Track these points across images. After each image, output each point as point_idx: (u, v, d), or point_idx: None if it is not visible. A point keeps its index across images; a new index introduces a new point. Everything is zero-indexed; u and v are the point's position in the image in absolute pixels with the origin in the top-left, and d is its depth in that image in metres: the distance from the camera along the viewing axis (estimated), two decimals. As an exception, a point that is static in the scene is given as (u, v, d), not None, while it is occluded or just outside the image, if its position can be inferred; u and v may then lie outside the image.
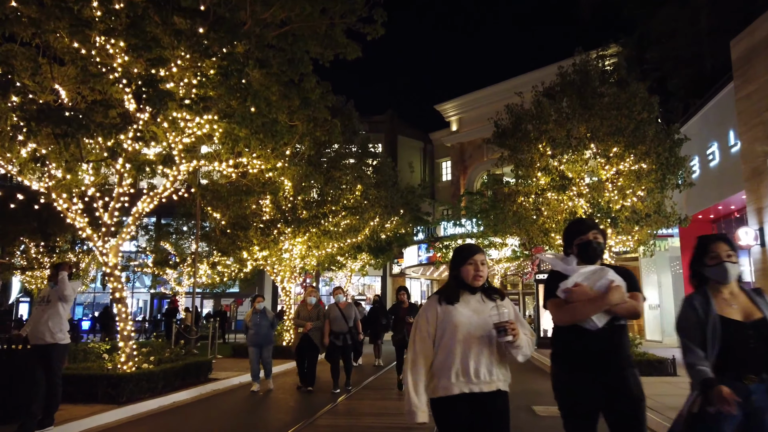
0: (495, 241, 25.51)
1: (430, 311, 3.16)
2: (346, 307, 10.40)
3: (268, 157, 11.61)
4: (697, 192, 16.39)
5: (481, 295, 3.19)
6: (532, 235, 14.57)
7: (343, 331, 10.18)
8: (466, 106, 37.09)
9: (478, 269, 3.15)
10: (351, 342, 10.35)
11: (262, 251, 16.13)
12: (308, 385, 10.50)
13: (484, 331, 3.05)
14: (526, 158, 13.36)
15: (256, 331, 10.69)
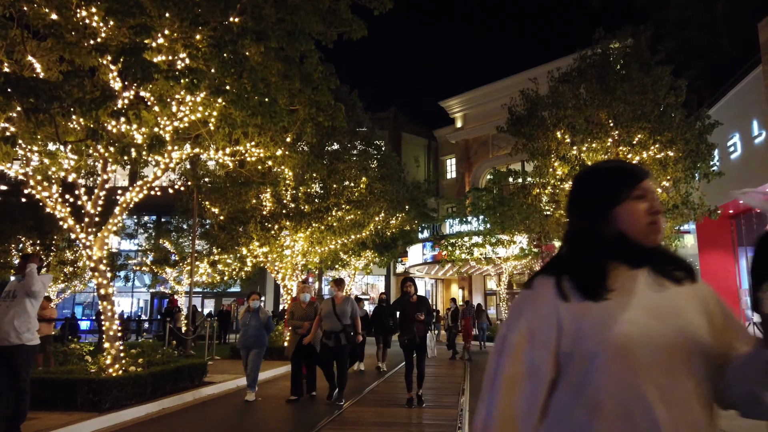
0: (502, 239, 24.59)
1: (537, 315, 1.36)
2: (341, 302, 8.71)
3: (267, 145, 10.72)
4: (716, 185, 15.45)
5: (652, 270, 1.37)
6: (548, 230, 13.65)
7: (336, 330, 8.56)
8: (471, 102, 36.16)
9: (655, 209, 1.38)
10: (346, 343, 8.66)
11: (262, 247, 15.23)
12: (309, 391, 9.55)
13: (682, 350, 1.26)
14: (542, 146, 12.44)
15: (244, 332, 9.35)
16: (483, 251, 25.45)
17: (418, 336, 8.37)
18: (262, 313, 9.47)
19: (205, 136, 10.64)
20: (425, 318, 8.42)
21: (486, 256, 25.55)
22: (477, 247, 25.42)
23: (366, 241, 17.96)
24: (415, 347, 8.48)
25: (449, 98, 37.11)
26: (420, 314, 8.35)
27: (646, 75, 11.87)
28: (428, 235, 31.03)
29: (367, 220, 16.61)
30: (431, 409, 8.46)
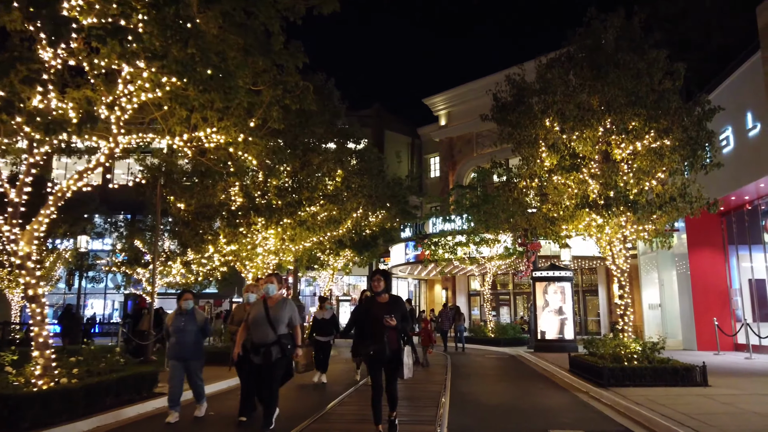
0: (486, 238, 23.62)
1: None
2: (275, 305, 6.65)
3: (229, 129, 9.59)
4: (706, 181, 14.59)
5: None
6: (534, 225, 12.65)
7: (266, 342, 6.52)
8: (455, 99, 35.25)
9: None
10: (281, 357, 6.52)
11: (229, 245, 14.06)
12: (253, 410, 8.32)
13: None
14: (529, 135, 11.43)
15: (178, 340, 7.61)
16: (466, 251, 24.48)
17: (390, 348, 6.15)
18: (198, 315, 7.85)
19: (160, 120, 9.52)
20: (398, 324, 6.19)
21: (470, 255, 24.58)
22: (460, 246, 24.44)
23: (343, 239, 16.82)
24: (385, 363, 6.23)
25: (433, 95, 36.16)
26: (389, 317, 6.11)
27: (641, 59, 10.91)
28: (411, 234, 30.00)
29: (344, 216, 15.49)
30: (405, 425, 7.37)
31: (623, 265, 11.84)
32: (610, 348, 11.23)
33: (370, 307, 6.43)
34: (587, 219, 11.70)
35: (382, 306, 6.33)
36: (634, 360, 10.71)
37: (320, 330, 11.58)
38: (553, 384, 11.53)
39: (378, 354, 6.16)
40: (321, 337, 11.52)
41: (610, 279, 29.40)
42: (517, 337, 23.79)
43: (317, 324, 11.66)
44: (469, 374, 13.16)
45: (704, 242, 19.73)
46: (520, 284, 32.92)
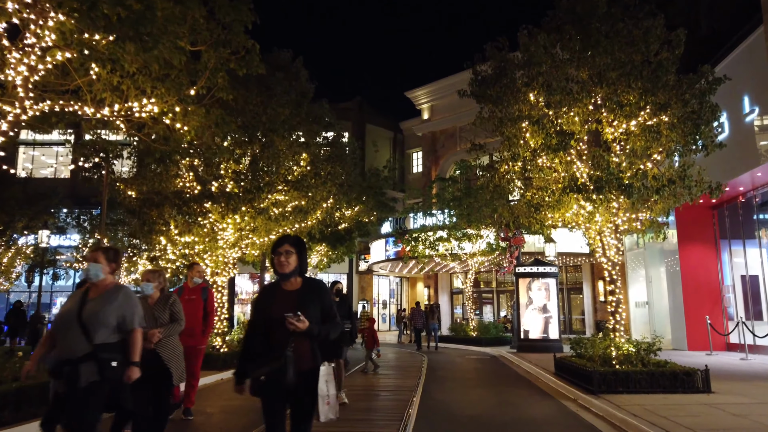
0: (469, 233, 22.32)
1: None
2: (99, 297, 4.08)
3: (163, 96, 8.17)
4: (713, 161, 13.29)
5: None
6: (518, 213, 11.33)
7: (71, 356, 3.94)
8: (438, 92, 33.92)
9: None
10: (97, 382, 3.89)
11: (182, 236, 12.58)
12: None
13: None
14: (512, 112, 10.10)
15: None
16: (448, 246, 23.15)
17: (295, 369, 3.37)
18: None
19: (83, 86, 8.07)
20: (312, 328, 3.42)
21: (451, 251, 23.25)
22: (441, 242, 23.10)
23: (313, 231, 15.39)
24: (288, 395, 3.44)
25: (416, 88, 34.83)
26: (295, 317, 3.33)
27: (635, 27, 9.63)
28: (391, 229, 28.63)
29: (311, 206, 14.05)
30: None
31: (614, 257, 10.56)
32: (599, 349, 9.94)
33: (270, 300, 3.57)
34: (575, 206, 10.42)
35: (287, 297, 3.51)
36: (626, 363, 9.43)
37: None
38: (537, 390, 10.21)
39: (273, 381, 3.36)
40: None
41: (595, 276, 28.29)
42: (499, 336, 22.53)
43: None
44: (444, 378, 11.82)
45: (695, 237, 18.58)
46: (504, 282, 31.69)
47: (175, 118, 8.47)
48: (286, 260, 3.50)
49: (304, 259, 3.62)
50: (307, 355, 3.45)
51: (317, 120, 14.33)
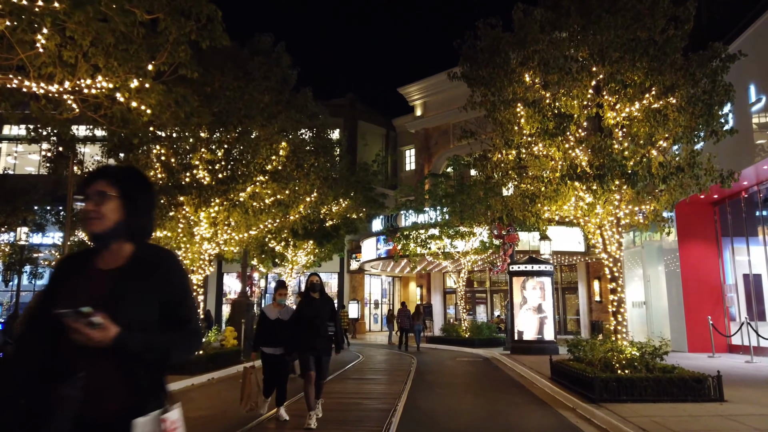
0: (461, 231, 21.43)
1: None
2: None
3: (116, 70, 7.24)
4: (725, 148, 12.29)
5: None
6: (511, 206, 10.43)
7: None
8: (431, 88, 33.00)
9: None
10: None
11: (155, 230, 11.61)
12: None
13: None
14: (505, 94, 9.21)
15: None
16: (440, 245, 22.24)
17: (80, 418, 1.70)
18: None
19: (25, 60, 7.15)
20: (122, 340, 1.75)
21: (443, 250, 22.34)
22: (433, 240, 22.19)
23: (296, 227, 14.45)
24: None
25: (408, 84, 33.90)
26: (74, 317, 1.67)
27: (639, 1, 8.75)
28: (382, 227, 27.70)
29: (292, 199, 13.10)
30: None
31: (616, 253, 9.68)
32: (600, 352, 9.05)
33: (67, 283, 1.91)
34: (573, 197, 9.54)
35: (96, 279, 1.88)
36: (630, 368, 8.55)
37: (270, 337, 7.07)
38: (532, 397, 9.30)
39: None
40: (269, 348, 7.07)
41: (591, 276, 27.44)
42: (492, 337, 21.62)
43: (265, 327, 7.14)
44: (433, 383, 10.90)
45: (695, 234, 17.73)
46: (498, 281, 30.81)
47: (131, 96, 7.55)
48: (96, 210, 1.86)
49: (139, 210, 1.94)
50: (112, 393, 1.76)
51: (300, 108, 13.38)
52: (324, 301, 6.96)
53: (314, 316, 6.74)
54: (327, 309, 6.90)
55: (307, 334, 6.68)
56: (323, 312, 6.83)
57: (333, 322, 6.91)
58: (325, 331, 6.75)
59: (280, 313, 7.22)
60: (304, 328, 6.71)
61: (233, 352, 13.84)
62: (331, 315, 6.92)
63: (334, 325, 6.93)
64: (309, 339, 6.67)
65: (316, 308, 6.82)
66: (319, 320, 6.74)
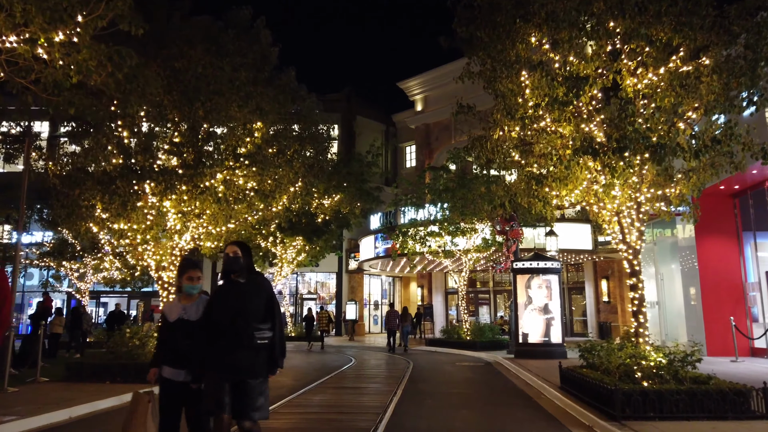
0: (463, 228, 20.02)
1: None
2: None
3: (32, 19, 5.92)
4: None
5: None
6: (515, 192, 9.05)
7: None
8: (432, 82, 31.65)
9: None
10: None
11: (115, 222, 10.30)
12: None
13: None
14: (508, 57, 7.82)
15: None
16: (440, 242, 20.83)
17: None
18: None
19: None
20: None
21: (444, 248, 20.92)
22: (433, 237, 20.78)
23: (280, 220, 13.08)
24: None
25: (408, 78, 32.56)
26: None
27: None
28: (381, 225, 26.31)
29: (274, 188, 11.71)
30: None
31: (636, 243, 8.27)
32: (618, 359, 7.66)
33: None
34: (587, 178, 8.15)
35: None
36: (656, 378, 7.15)
37: (175, 353, 4.33)
38: (539, 411, 7.89)
39: None
40: (170, 370, 4.32)
41: (599, 275, 26.00)
42: (495, 339, 20.18)
43: (169, 333, 4.43)
44: (426, 393, 9.50)
45: (714, 228, 16.23)
46: (501, 281, 29.41)
47: (57, 53, 6.22)
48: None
49: None
50: None
51: (282, 89, 12.03)
52: (254, 287, 4.25)
53: (235, 313, 4.07)
54: (258, 301, 4.21)
55: (221, 344, 4.05)
56: (252, 306, 4.15)
57: (269, 322, 4.19)
58: (250, 339, 4.04)
59: (186, 310, 4.36)
60: (218, 333, 4.07)
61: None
62: (267, 311, 4.22)
63: (272, 327, 4.18)
64: (224, 351, 4.03)
65: (238, 300, 4.15)
66: (243, 320, 4.06)
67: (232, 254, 4.21)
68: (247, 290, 4.21)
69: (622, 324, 24.79)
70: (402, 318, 21.25)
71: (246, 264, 4.26)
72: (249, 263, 4.30)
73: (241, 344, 4.03)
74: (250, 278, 4.27)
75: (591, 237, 23.44)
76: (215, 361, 4.04)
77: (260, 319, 4.14)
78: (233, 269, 4.21)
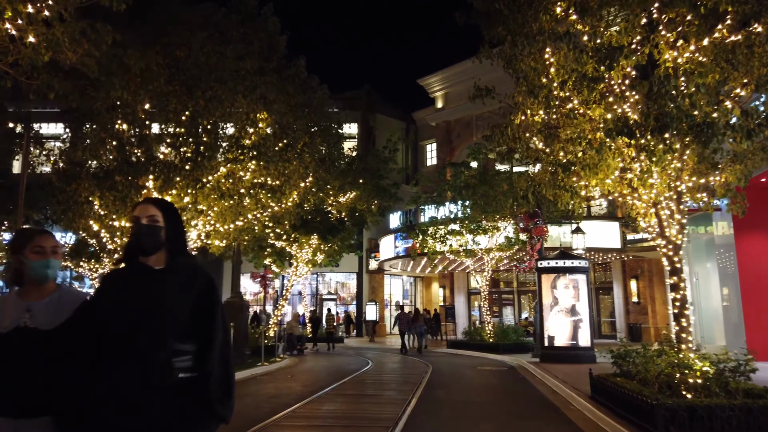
0: (485, 226, 19.11)
1: None
2: None
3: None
4: None
5: None
6: (538, 182, 8.18)
7: None
8: (452, 78, 30.72)
9: None
10: None
11: (116, 219, 9.73)
12: None
13: None
14: (530, 30, 6.97)
15: None
16: (461, 241, 19.93)
17: None
18: None
19: None
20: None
21: (465, 246, 20.01)
22: (453, 235, 19.90)
23: (290, 218, 12.39)
24: None
25: (429, 75, 31.71)
26: None
27: None
28: (401, 224, 25.53)
29: (283, 183, 11.02)
30: None
31: (677, 237, 7.34)
32: (658, 367, 6.74)
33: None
34: (619, 167, 7.25)
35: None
36: (703, 389, 6.23)
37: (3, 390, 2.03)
38: (569, 426, 7.00)
39: None
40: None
41: (627, 274, 24.79)
42: (519, 341, 19.19)
43: None
44: (443, 402, 8.68)
45: (755, 223, 14.98)
46: (526, 282, 28.37)
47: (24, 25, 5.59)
48: None
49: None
50: None
51: (290, 79, 11.34)
52: (179, 280, 2.25)
53: (139, 322, 2.09)
54: (184, 303, 2.21)
55: (106, 382, 2.03)
56: (171, 311, 2.16)
57: (200, 340, 2.20)
58: (164, 371, 2.08)
59: (31, 312, 2.30)
60: (102, 358, 2.06)
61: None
62: (198, 320, 2.22)
63: (203, 349, 2.19)
64: (109, 398, 2.03)
65: (147, 300, 2.15)
66: (151, 335, 2.09)
67: (147, 220, 2.22)
68: (165, 284, 2.19)
69: (653, 326, 23.58)
70: (414, 319, 20.94)
71: (171, 239, 2.26)
72: (176, 238, 2.30)
73: (147, 381, 2.02)
74: (174, 264, 2.26)
75: (619, 235, 22.34)
76: (88, 418, 2.01)
77: (184, 334, 2.14)
78: (146, 246, 2.20)
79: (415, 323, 20.68)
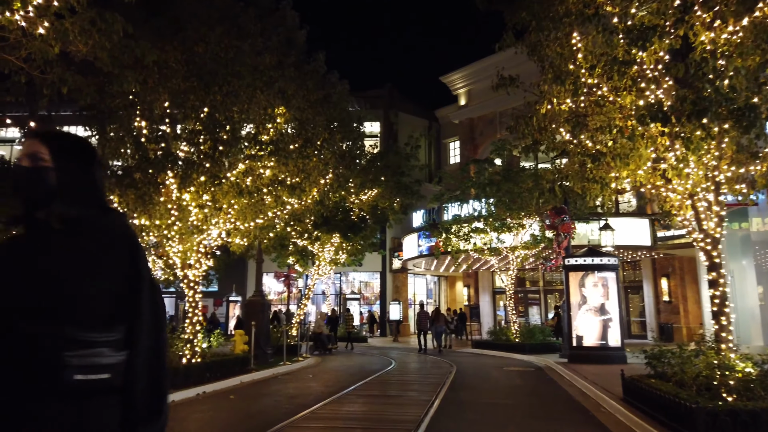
0: (509, 223, 18.66)
1: None
2: None
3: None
4: None
5: None
6: (566, 173, 7.81)
7: None
8: (475, 75, 30.25)
9: None
10: None
11: (139, 217, 9.66)
12: None
13: None
14: (557, 12, 6.62)
15: None
16: (485, 239, 19.51)
17: None
18: None
19: None
20: None
21: (489, 245, 19.58)
22: (477, 233, 19.48)
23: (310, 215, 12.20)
24: None
25: (451, 72, 31.31)
26: None
27: None
28: (424, 222, 25.22)
29: (303, 179, 10.83)
30: None
31: (715, 231, 6.89)
32: (696, 368, 6.34)
33: None
34: (651, 157, 6.85)
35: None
36: (744, 392, 5.81)
37: None
38: (601, 429, 6.63)
39: None
40: None
41: (658, 273, 24.03)
42: (546, 341, 18.72)
43: None
44: (468, 404, 8.36)
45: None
46: (553, 281, 27.78)
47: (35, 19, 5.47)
48: None
49: None
50: None
51: (310, 74, 11.14)
52: (95, 241, 1.48)
53: (38, 303, 1.37)
54: (105, 274, 1.47)
55: None
56: (84, 285, 1.43)
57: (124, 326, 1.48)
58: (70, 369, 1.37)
59: None
60: None
61: (239, 360, 11.75)
62: (123, 298, 1.48)
63: (130, 339, 1.49)
64: None
65: (51, 271, 1.40)
66: (54, 321, 1.38)
67: (29, 161, 1.51)
68: (73, 248, 1.46)
69: (685, 325, 22.80)
70: (434, 319, 20.74)
71: (65, 184, 1.51)
72: (74, 182, 1.52)
73: (47, 386, 1.37)
74: (84, 219, 1.51)
75: (649, 232, 21.65)
76: None
77: (104, 318, 1.45)
78: (36, 197, 1.49)
79: (436, 323, 20.51)
